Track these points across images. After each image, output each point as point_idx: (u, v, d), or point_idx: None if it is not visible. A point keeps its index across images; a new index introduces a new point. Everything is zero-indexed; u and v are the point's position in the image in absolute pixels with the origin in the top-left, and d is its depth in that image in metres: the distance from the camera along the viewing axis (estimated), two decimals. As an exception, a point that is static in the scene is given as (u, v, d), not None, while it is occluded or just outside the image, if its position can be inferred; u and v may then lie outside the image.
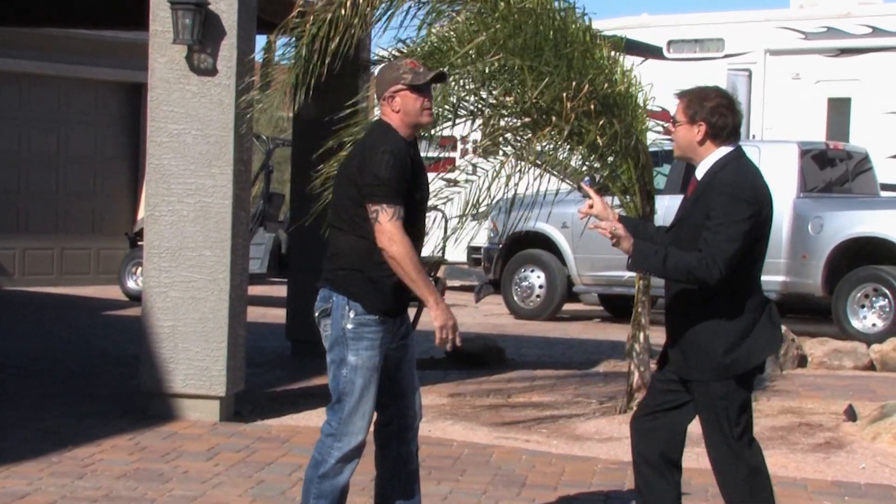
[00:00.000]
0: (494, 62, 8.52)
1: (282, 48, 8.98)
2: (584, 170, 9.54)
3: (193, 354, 8.73)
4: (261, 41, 10.84)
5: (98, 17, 13.40)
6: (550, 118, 8.63)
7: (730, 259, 5.20)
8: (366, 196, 5.41)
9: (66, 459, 7.55)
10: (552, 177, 9.54)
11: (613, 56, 9.15)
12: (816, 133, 17.36)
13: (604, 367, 12.02)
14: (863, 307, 14.35)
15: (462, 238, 9.28)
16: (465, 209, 8.97)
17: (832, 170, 15.52)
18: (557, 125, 8.57)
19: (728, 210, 5.22)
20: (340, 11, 8.43)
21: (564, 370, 11.45)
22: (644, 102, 9.30)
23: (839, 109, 17.66)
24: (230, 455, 7.81)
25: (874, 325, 14.31)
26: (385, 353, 5.56)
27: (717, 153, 5.39)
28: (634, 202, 9.17)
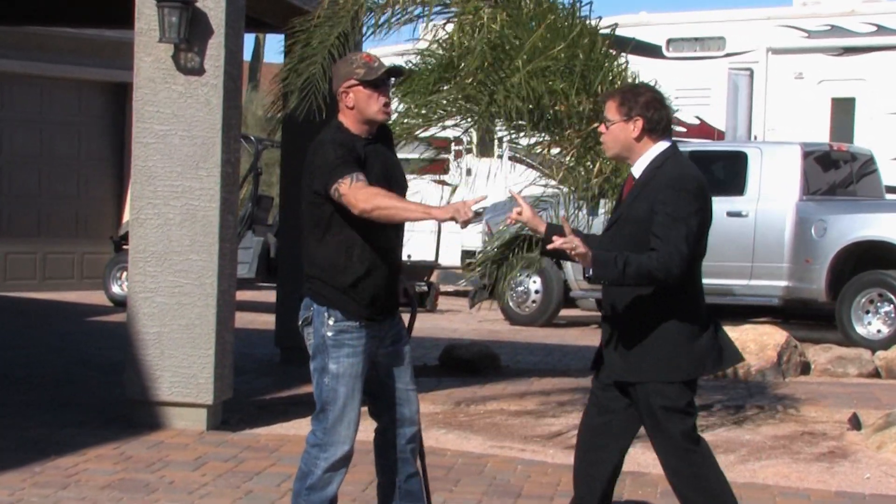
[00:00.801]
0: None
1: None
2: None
3: (180, 361, 8.68)
4: (249, 40, 10.79)
5: (82, 16, 13.37)
6: (563, 131, 8.55)
7: (687, 255, 5.12)
8: (322, 187, 5.31)
9: (50, 469, 7.51)
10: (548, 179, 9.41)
11: (620, 62, 9.02)
12: (820, 134, 17.32)
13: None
14: (867, 313, 14.22)
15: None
16: None
17: (836, 172, 15.40)
18: (570, 138, 8.50)
19: (678, 204, 5.14)
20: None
21: (561, 377, 11.37)
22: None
23: (843, 110, 17.60)
24: (217, 465, 7.77)
25: (879, 332, 14.16)
26: (373, 360, 5.52)
27: (655, 149, 5.31)
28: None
